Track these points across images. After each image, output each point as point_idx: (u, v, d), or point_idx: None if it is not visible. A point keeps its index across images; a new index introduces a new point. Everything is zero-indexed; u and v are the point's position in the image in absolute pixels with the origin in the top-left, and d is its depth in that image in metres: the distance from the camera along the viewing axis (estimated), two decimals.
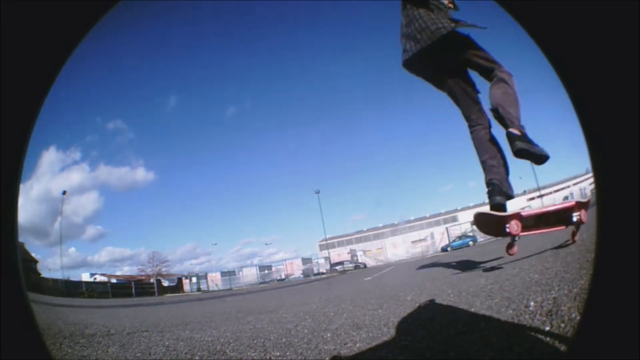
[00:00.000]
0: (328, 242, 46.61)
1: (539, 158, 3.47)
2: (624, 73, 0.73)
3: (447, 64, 4.00)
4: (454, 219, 38.63)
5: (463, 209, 40.87)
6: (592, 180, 0.83)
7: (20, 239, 0.91)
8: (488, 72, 3.81)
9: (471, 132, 3.94)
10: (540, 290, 2.17)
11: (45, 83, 0.88)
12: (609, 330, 0.77)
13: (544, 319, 1.66)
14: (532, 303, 1.94)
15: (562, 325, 1.53)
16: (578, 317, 1.55)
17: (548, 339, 1.46)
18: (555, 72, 0.82)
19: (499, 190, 3.76)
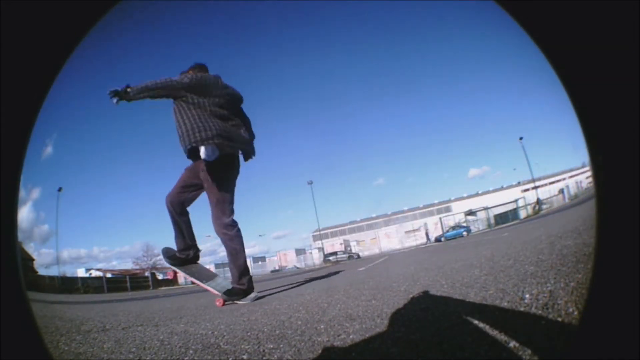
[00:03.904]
0: (322, 232, 46.72)
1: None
2: (623, 73, 0.73)
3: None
4: (448, 209, 38.77)
5: (457, 199, 41.04)
6: (588, 173, 0.83)
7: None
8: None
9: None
10: (536, 282, 2.18)
11: (45, 83, 0.87)
12: (609, 327, 0.77)
13: (539, 312, 1.67)
14: (527, 295, 1.95)
15: (559, 319, 1.54)
16: (575, 312, 1.56)
17: (544, 332, 1.47)
18: (555, 72, 0.81)
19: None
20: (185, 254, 4.89)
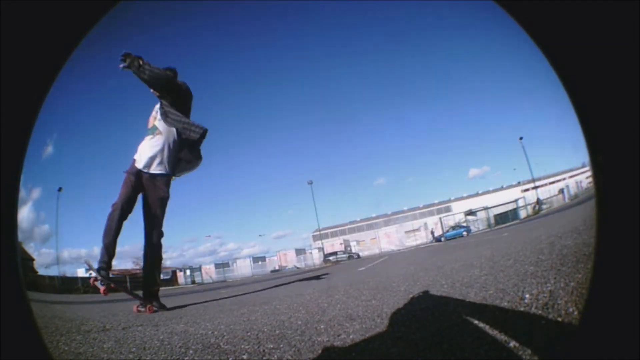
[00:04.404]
0: (322, 232, 46.68)
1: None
2: (623, 73, 0.73)
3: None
4: (448, 209, 38.73)
5: (457, 199, 41.02)
6: (588, 173, 0.84)
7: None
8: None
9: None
10: (536, 282, 2.18)
11: (45, 83, 0.87)
12: (609, 326, 0.77)
13: (539, 312, 1.67)
14: (527, 295, 1.95)
15: (559, 319, 1.54)
16: (575, 312, 1.56)
17: (544, 332, 1.47)
18: (555, 72, 0.81)
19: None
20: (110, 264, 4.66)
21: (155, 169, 4.64)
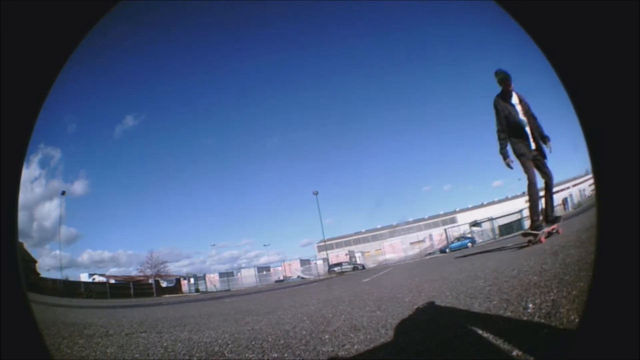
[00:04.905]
0: (327, 243, 46.53)
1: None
2: (623, 73, 0.73)
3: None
4: (453, 220, 38.51)
5: (462, 211, 40.80)
6: (591, 182, 0.83)
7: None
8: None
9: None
10: (539, 292, 2.17)
11: (45, 83, 0.88)
12: (609, 331, 0.77)
13: (542, 321, 1.66)
14: (530, 305, 1.94)
15: (561, 327, 1.53)
16: (577, 320, 1.55)
17: (547, 341, 1.46)
18: (555, 72, 0.82)
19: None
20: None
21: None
